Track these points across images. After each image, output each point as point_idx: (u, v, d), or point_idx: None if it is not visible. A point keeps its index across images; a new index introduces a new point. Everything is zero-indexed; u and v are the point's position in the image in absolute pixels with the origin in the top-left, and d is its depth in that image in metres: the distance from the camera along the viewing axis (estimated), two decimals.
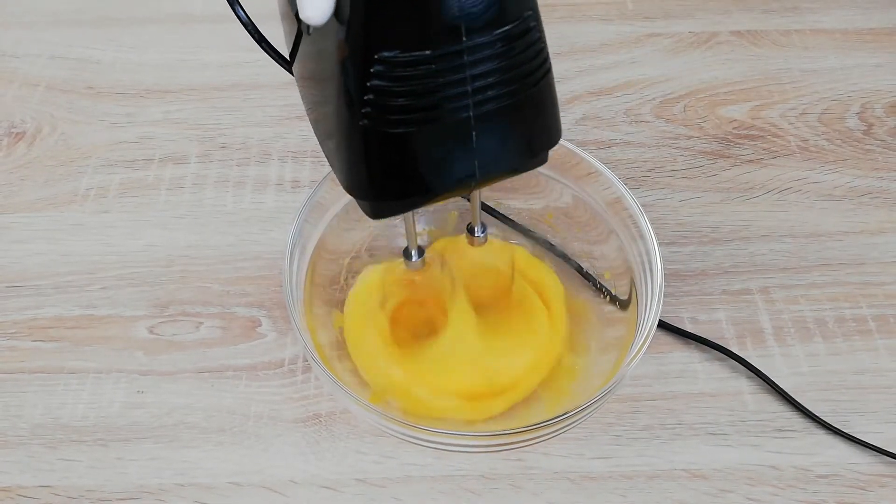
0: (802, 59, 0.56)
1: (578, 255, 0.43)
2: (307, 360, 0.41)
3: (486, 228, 0.37)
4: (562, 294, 0.42)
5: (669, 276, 0.44)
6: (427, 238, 0.44)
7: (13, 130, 0.52)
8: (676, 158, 0.50)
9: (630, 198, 0.39)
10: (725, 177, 0.49)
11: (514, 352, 0.40)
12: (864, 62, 0.56)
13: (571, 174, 0.42)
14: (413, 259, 0.36)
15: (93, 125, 0.53)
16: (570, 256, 0.43)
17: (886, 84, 0.54)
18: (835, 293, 0.44)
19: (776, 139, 0.51)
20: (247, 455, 0.39)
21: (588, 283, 0.43)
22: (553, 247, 0.44)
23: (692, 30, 0.58)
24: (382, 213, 0.30)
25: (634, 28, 0.58)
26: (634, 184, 0.49)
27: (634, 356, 0.35)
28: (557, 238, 0.44)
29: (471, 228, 0.37)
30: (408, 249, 0.36)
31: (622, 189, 0.39)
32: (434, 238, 0.44)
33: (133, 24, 0.59)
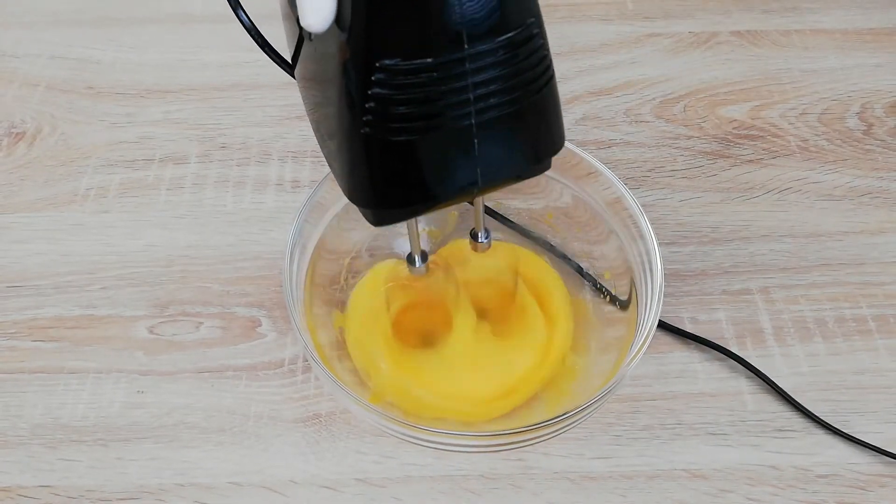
0: (802, 59, 0.56)
1: (578, 255, 0.43)
2: (307, 360, 0.41)
3: (490, 234, 0.37)
4: (566, 297, 0.42)
5: (669, 276, 0.44)
6: (427, 238, 0.44)
7: (13, 130, 0.52)
8: (676, 158, 0.50)
9: (630, 198, 0.39)
10: (725, 177, 0.49)
11: (518, 357, 0.40)
12: (864, 62, 0.56)
13: (571, 174, 0.42)
14: (417, 265, 0.36)
15: (93, 125, 0.53)
16: (570, 256, 0.43)
17: (886, 84, 0.54)
18: (835, 293, 0.44)
19: (776, 139, 0.51)
20: (247, 455, 0.39)
21: (588, 283, 0.43)
22: (553, 247, 0.44)
23: (692, 30, 0.58)
24: (384, 221, 0.30)
25: (634, 28, 0.58)
26: (634, 184, 0.49)
27: (634, 356, 0.35)
28: (557, 238, 0.44)
29: (474, 234, 0.36)
30: (411, 255, 0.36)
31: (622, 189, 0.39)
32: (434, 238, 0.44)
33: (133, 24, 0.59)
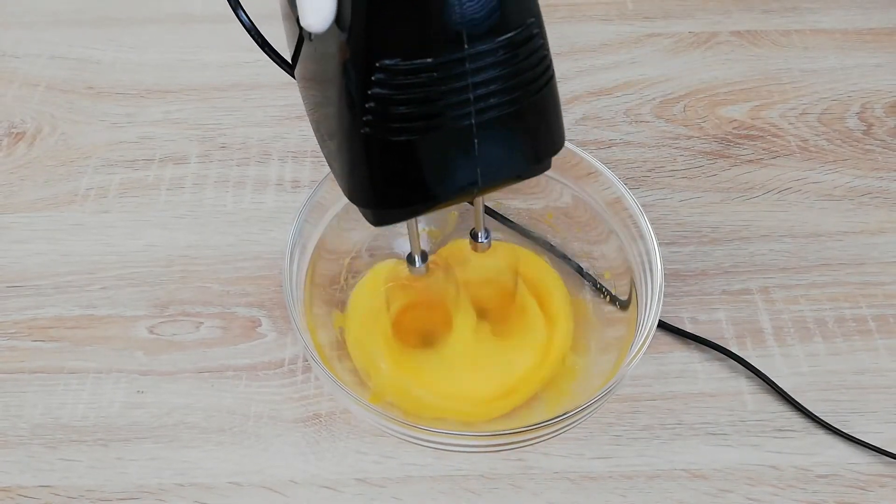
0: (802, 59, 0.56)
1: (578, 255, 0.43)
2: (307, 360, 0.41)
3: (490, 234, 0.37)
4: (566, 297, 0.42)
5: (669, 276, 0.44)
6: (427, 238, 0.44)
7: (13, 130, 0.52)
8: (676, 158, 0.50)
9: (630, 198, 0.39)
10: (725, 177, 0.49)
11: (518, 357, 0.40)
12: (864, 62, 0.56)
13: (571, 174, 0.42)
14: (417, 265, 0.36)
15: (93, 125, 0.53)
16: (570, 256, 0.43)
17: (886, 84, 0.54)
18: (835, 293, 0.44)
19: (776, 139, 0.51)
20: (247, 455, 0.39)
21: (588, 283, 0.43)
22: (553, 247, 0.44)
23: (692, 30, 0.58)
24: (384, 221, 0.30)
25: (634, 28, 0.58)
26: (634, 184, 0.49)
27: (634, 356, 0.35)
28: (557, 238, 0.44)
29: (474, 234, 0.36)
30: (411, 255, 0.36)
31: (622, 189, 0.39)
32: (434, 238, 0.44)
33: (133, 24, 0.59)
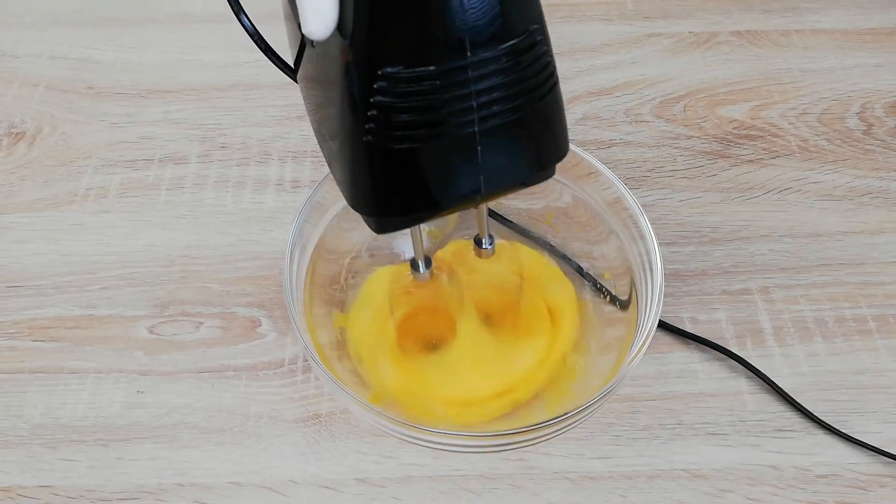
0: (802, 59, 0.56)
1: (578, 255, 0.43)
2: (307, 360, 0.41)
3: (494, 240, 0.37)
4: (573, 298, 0.42)
5: (669, 276, 0.44)
6: (427, 238, 0.44)
7: (13, 130, 0.52)
8: (676, 158, 0.50)
9: (630, 198, 0.39)
10: (725, 177, 0.49)
11: (520, 359, 0.39)
12: (864, 62, 0.56)
13: (571, 174, 0.42)
14: (421, 271, 0.36)
15: (93, 125, 0.53)
16: (570, 256, 0.43)
17: (886, 84, 0.54)
18: (835, 293, 0.44)
19: (776, 139, 0.51)
20: (247, 455, 0.39)
21: (588, 283, 0.43)
22: (553, 247, 0.44)
23: (692, 30, 0.58)
24: (387, 229, 0.30)
25: (634, 28, 0.58)
26: (634, 184, 0.49)
27: (634, 356, 0.35)
28: (557, 238, 0.44)
29: (478, 240, 0.36)
30: (415, 261, 0.36)
31: (622, 189, 0.39)
32: (434, 237, 0.44)
33: (133, 24, 0.59)
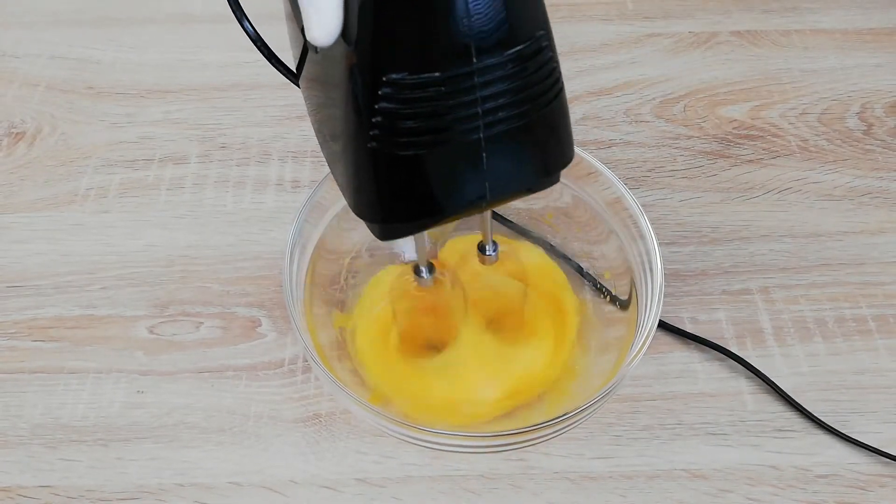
0: (802, 59, 0.56)
1: (578, 255, 0.43)
2: (307, 360, 0.41)
3: (497, 247, 0.36)
4: (574, 300, 0.42)
5: (669, 276, 0.44)
6: (427, 238, 0.44)
7: (13, 130, 0.52)
8: (676, 158, 0.50)
9: (630, 198, 0.39)
10: (725, 177, 0.49)
11: (526, 366, 0.39)
12: (864, 62, 0.56)
13: (571, 174, 0.41)
14: (424, 276, 0.36)
15: (93, 125, 0.53)
16: (570, 256, 0.43)
17: (886, 84, 0.54)
18: (835, 293, 0.44)
19: (776, 139, 0.51)
20: (247, 455, 0.39)
21: (588, 283, 0.43)
22: (553, 247, 0.44)
23: (692, 30, 0.58)
24: (391, 235, 0.29)
25: (634, 28, 0.58)
26: (634, 184, 0.49)
27: (634, 356, 0.35)
28: (557, 238, 0.44)
29: (482, 247, 0.36)
30: (418, 267, 0.36)
31: (622, 189, 0.39)
32: (434, 238, 0.44)
33: (133, 24, 0.59)
